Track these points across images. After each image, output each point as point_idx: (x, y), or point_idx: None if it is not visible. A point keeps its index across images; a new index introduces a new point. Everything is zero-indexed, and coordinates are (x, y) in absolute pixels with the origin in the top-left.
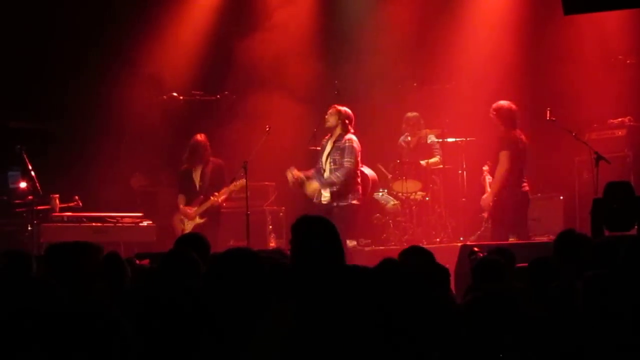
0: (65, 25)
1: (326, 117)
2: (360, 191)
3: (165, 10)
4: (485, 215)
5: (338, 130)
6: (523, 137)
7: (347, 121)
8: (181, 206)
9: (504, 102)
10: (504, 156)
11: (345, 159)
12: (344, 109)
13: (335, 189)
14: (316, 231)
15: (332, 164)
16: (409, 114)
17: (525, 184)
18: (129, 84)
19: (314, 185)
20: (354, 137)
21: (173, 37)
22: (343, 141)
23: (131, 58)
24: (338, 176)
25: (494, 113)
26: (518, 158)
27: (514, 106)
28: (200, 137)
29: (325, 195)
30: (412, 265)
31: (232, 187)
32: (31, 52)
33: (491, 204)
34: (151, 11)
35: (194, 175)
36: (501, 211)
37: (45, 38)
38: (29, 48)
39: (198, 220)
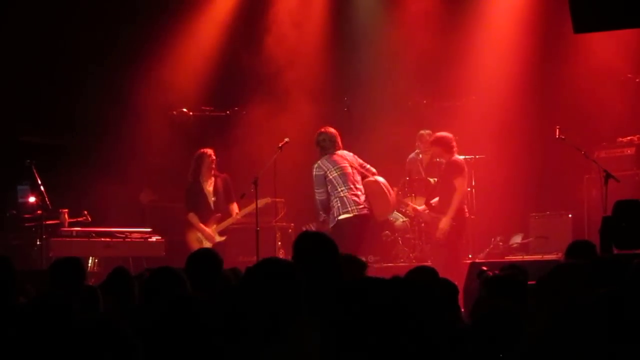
0: (76, 41)
1: None
2: (342, 209)
3: (175, 26)
4: (441, 238)
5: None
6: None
7: (321, 144)
8: (202, 226)
9: (440, 133)
10: (460, 183)
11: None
12: (318, 133)
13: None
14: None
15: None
16: (423, 132)
17: (466, 209)
18: (138, 99)
19: None
20: (318, 163)
21: (183, 52)
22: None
23: (141, 73)
24: (320, 214)
25: (433, 145)
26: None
27: (449, 134)
28: (207, 149)
29: None
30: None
31: (259, 204)
32: (41, 67)
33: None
34: (160, 27)
35: (205, 191)
36: (454, 234)
37: (56, 53)
38: (40, 63)
39: (219, 239)
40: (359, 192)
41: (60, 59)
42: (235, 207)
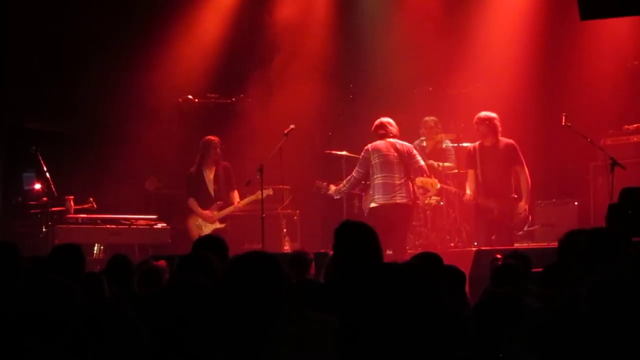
0: (80, 27)
1: None
2: (370, 197)
3: (181, 13)
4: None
5: None
6: None
7: (378, 131)
8: (200, 210)
9: (485, 113)
10: (524, 167)
11: (356, 168)
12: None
13: (337, 197)
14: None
15: None
16: (427, 118)
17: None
18: (144, 86)
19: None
20: (373, 144)
21: (188, 39)
22: None
23: (147, 60)
24: (344, 183)
25: (480, 124)
26: None
27: (494, 114)
28: (214, 137)
29: None
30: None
31: (258, 194)
32: (47, 54)
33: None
34: (167, 13)
35: (206, 179)
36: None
37: (60, 40)
38: (45, 50)
39: (218, 225)
40: (396, 181)
41: (64, 46)
42: (236, 195)
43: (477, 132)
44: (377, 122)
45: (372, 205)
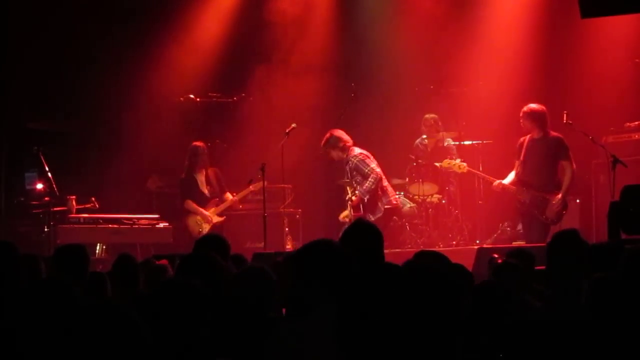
0: (82, 27)
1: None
2: (384, 198)
3: (182, 12)
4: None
5: (342, 156)
6: None
7: (339, 144)
8: (199, 208)
9: (533, 105)
10: (571, 162)
11: (366, 170)
12: (327, 136)
13: (367, 197)
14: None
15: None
16: (428, 116)
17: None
18: (146, 86)
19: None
20: (355, 151)
21: (189, 38)
22: (348, 162)
23: (148, 60)
24: (371, 182)
25: (531, 117)
26: None
27: (542, 107)
28: (200, 143)
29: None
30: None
31: (251, 188)
32: (49, 54)
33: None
34: (168, 13)
35: (199, 182)
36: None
37: (63, 41)
38: (47, 50)
39: (217, 219)
40: None
41: (66, 45)
42: (229, 197)
43: (523, 126)
44: (336, 134)
45: (388, 206)
